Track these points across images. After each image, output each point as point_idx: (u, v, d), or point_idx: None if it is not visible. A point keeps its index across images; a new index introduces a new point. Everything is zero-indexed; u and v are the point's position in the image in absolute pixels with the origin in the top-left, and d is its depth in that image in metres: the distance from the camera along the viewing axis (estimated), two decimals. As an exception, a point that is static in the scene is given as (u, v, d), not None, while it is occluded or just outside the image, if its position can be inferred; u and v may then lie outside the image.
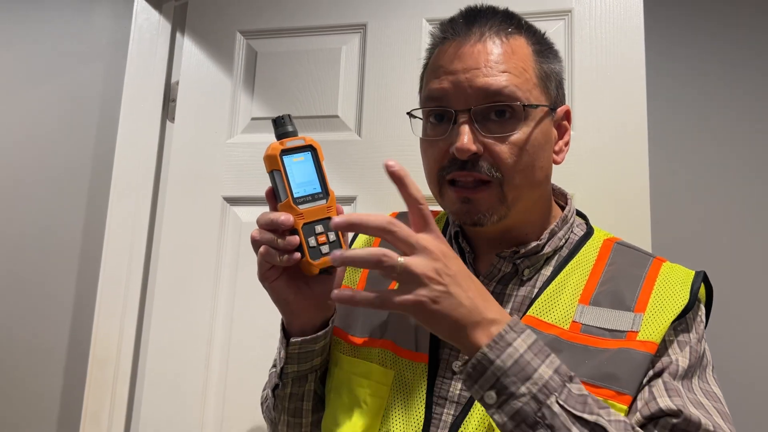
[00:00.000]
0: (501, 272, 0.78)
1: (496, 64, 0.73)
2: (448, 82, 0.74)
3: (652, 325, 0.69)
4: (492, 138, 0.72)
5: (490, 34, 0.74)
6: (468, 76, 0.73)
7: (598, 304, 0.73)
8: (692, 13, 1.43)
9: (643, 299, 0.72)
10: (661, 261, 0.78)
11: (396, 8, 1.37)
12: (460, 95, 0.73)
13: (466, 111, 0.72)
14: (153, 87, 1.50)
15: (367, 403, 0.76)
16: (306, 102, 1.39)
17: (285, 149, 0.69)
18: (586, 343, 0.70)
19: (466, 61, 0.73)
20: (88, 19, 1.63)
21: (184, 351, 1.35)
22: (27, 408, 1.49)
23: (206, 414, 1.33)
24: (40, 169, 1.59)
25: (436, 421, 0.72)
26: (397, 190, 0.65)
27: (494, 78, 0.72)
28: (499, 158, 0.72)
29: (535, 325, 0.72)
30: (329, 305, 0.77)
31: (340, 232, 0.69)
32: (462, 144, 0.71)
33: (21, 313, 1.54)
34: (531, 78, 0.75)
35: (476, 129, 0.72)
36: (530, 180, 0.75)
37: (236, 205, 1.39)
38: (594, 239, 0.81)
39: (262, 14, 1.45)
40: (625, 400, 0.66)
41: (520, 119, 0.73)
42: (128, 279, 1.43)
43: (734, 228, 1.35)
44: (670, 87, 1.41)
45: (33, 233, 1.56)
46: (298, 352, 0.77)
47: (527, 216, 0.78)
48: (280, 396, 0.81)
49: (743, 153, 1.37)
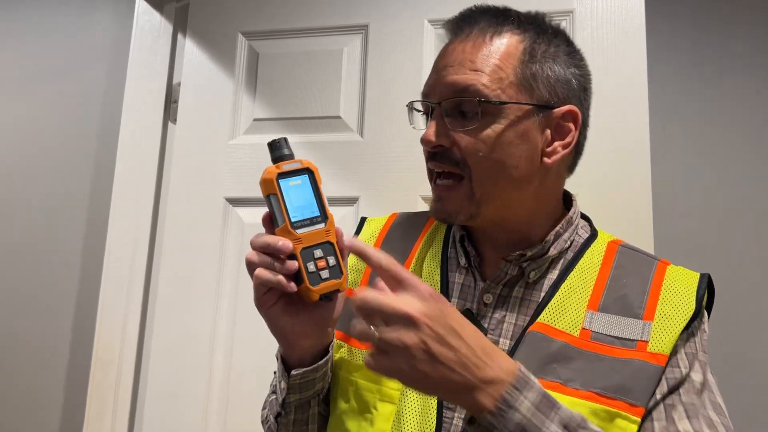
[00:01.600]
0: (507, 275, 0.78)
1: (469, 62, 0.75)
2: (433, 79, 0.78)
3: (662, 336, 0.70)
4: (460, 132, 0.75)
5: (476, 32, 0.77)
6: (444, 72, 0.76)
7: (606, 310, 0.73)
8: (693, 13, 1.43)
9: (651, 306, 0.73)
10: (665, 264, 0.78)
11: (397, 9, 1.37)
12: (437, 90, 0.77)
13: (437, 104, 0.76)
14: (155, 88, 1.50)
15: (376, 408, 0.75)
16: (308, 103, 1.40)
17: (281, 173, 0.67)
18: (597, 351, 0.71)
19: (447, 58, 0.77)
20: (89, 20, 1.63)
21: (186, 353, 1.36)
22: (30, 410, 1.49)
23: (209, 416, 1.33)
24: (42, 171, 1.59)
25: (447, 425, 0.72)
26: (399, 192, 0.66)
27: (461, 75, 0.75)
28: (465, 152, 0.74)
29: (546, 331, 0.72)
30: (328, 333, 0.74)
31: (340, 257, 0.68)
32: (425, 135, 0.76)
33: (23, 315, 1.54)
34: (507, 77, 0.74)
35: (446, 123, 0.75)
36: (501, 177, 0.75)
37: (238, 205, 1.39)
38: (598, 242, 0.81)
39: (264, 15, 1.45)
40: (638, 412, 0.68)
41: (492, 116, 0.74)
42: (131, 280, 1.43)
43: (737, 228, 1.35)
44: (672, 87, 1.41)
45: (35, 235, 1.56)
46: (299, 383, 0.75)
47: (521, 216, 0.78)
48: (284, 423, 0.80)
49: (745, 153, 1.37)
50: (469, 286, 0.80)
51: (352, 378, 0.79)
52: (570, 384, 0.69)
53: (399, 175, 1.30)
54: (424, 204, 1.26)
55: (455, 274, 0.81)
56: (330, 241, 0.68)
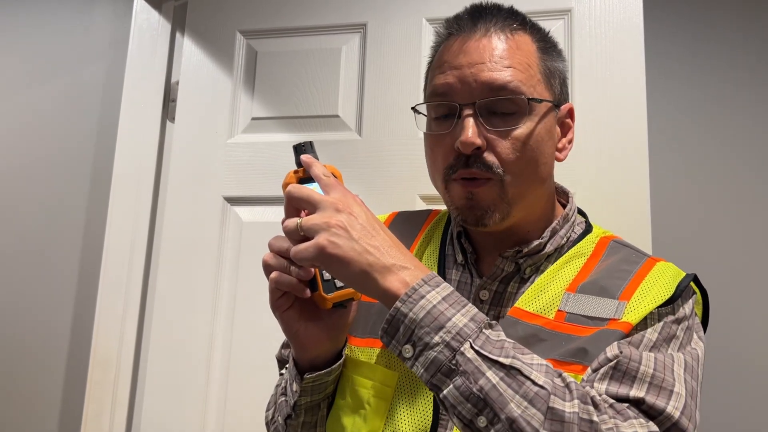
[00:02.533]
0: (504, 272, 0.77)
1: (501, 59, 0.73)
2: (453, 77, 0.74)
3: (633, 312, 0.68)
4: (495, 132, 0.72)
5: (495, 30, 0.75)
6: (473, 70, 0.73)
7: (584, 291, 0.72)
8: (692, 12, 1.43)
9: (630, 290, 0.71)
10: (655, 260, 0.77)
11: (396, 8, 1.37)
12: (465, 89, 0.73)
13: (471, 105, 0.72)
14: (153, 87, 1.50)
15: (370, 404, 0.76)
16: (306, 102, 1.40)
17: (302, 178, 0.68)
18: (568, 332, 0.69)
19: (471, 55, 0.74)
20: (87, 19, 1.63)
21: (185, 352, 1.35)
22: (28, 409, 1.49)
23: (208, 415, 1.33)
24: (40, 170, 1.59)
25: (444, 422, 0.72)
26: (397, 190, 0.65)
27: (499, 72, 0.72)
28: (502, 154, 0.72)
29: (518, 316, 0.72)
30: (341, 338, 0.76)
31: None
32: (467, 137, 0.71)
33: (22, 315, 1.53)
34: (535, 74, 0.75)
35: (480, 123, 0.72)
36: (533, 176, 0.75)
37: (237, 204, 1.39)
38: (591, 236, 0.81)
39: (262, 14, 1.45)
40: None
41: (524, 114, 0.73)
42: (129, 280, 1.43)
43: (735, 228, 1.35)
44: (670, 86, 1.41)
45: (33, 234, 1.56)
46: (311, 386, 0.76)
47: (529, 214, 0.78)
48: (293, 425, 0.80)
49: (744, 152, 1.37)
50: (465, 283, 0.80)
51: (348, 374, 0.80)
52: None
53: (397, 174, 1.30)
54: (423, 203, 1.26)
55: (452, 271, 0.81)
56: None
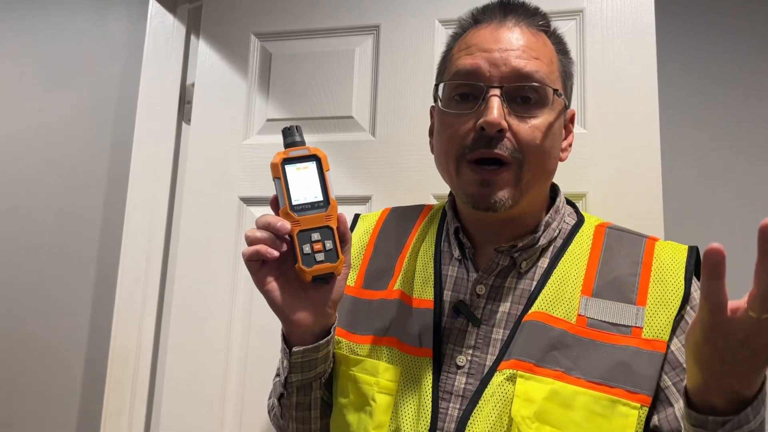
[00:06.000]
0: (499, 266, 0.79)
1: (530, 50, 0.76)
2: (483, 59, 0.75)
3: (655, 322, 0.72)
4: (517, 117, 0.74)
5: (524, 24, 0.78)
6: (504, 55, 0.75)
7: (600, 295, 0.75)
8: (703, 11, 1.43)
9: (643, 290, 0.74)
10: (653, 240, 0.80)
11: (409, 9, 1.38)
12: (494, 72, 0.75)
13: (498, 87, 0.74)
14: (168, 89, 1.52)
15: (375, 401, 0.77)
16: (320, 103, 1.41)
17: (287, 158, 0.72)
18: (592, 337, 0.72)
19: (502, 42, 0.76)
20: (103, 22, 1.65)
21: (203, 349, 1.37)
22: (48, 406, 1.52)
23: (226, 411, 1.35)
24: (58, 172, 1.61)
25: (443, 416, 0.73)
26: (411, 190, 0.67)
27: (528, 61, 0.75)
28: (522, 139, 0.74)
29: (544, 320, 0.74)
30: (328, 313, 0.76)
31: (337, 242, 0.71)
32: (493, 117, 0.72)
33: (41, 313, 1.56)
34: (555, 71, 0.78)
35: (504, 106, 0.74)
36: (545, 167, 0.77)
37: (253, 205, 1.41)
38: (586, 226, 0.83)
39: (276, 16, 1.46)
40: (638, 399, 0.69)
41: (546, 105, 0.75)
42: (146, 278, 1.45)
43: (748, 224, 1.36)
44: (682, 85, 1.42)
45: (52, 234, 1.59)
46: (301, 361, 0.77)
47: (531, 206, 0.80)
48: (287, 405, 0.82)
49: (757, 149, 1.38)
50: (462, 278, 0.81)
51: (351, 373, 0.81)
52: (572, 372, 0.71)
53: (411, 174, 1.31)
54: (437, 203, 1.27)
55: (448, 267, 0.83)
56: (329, 226, 0.71)
